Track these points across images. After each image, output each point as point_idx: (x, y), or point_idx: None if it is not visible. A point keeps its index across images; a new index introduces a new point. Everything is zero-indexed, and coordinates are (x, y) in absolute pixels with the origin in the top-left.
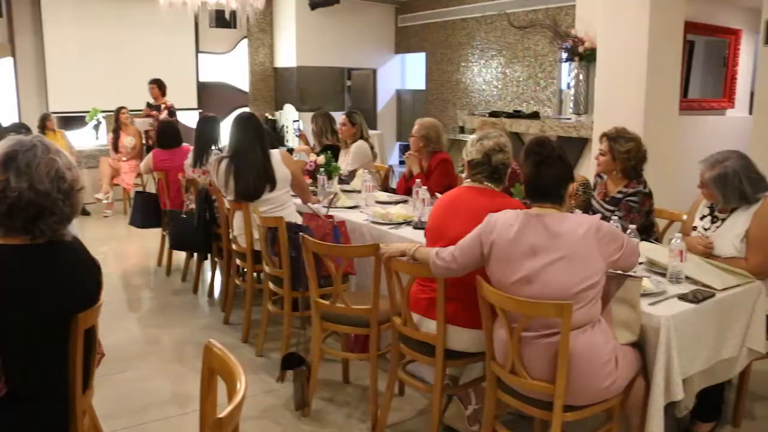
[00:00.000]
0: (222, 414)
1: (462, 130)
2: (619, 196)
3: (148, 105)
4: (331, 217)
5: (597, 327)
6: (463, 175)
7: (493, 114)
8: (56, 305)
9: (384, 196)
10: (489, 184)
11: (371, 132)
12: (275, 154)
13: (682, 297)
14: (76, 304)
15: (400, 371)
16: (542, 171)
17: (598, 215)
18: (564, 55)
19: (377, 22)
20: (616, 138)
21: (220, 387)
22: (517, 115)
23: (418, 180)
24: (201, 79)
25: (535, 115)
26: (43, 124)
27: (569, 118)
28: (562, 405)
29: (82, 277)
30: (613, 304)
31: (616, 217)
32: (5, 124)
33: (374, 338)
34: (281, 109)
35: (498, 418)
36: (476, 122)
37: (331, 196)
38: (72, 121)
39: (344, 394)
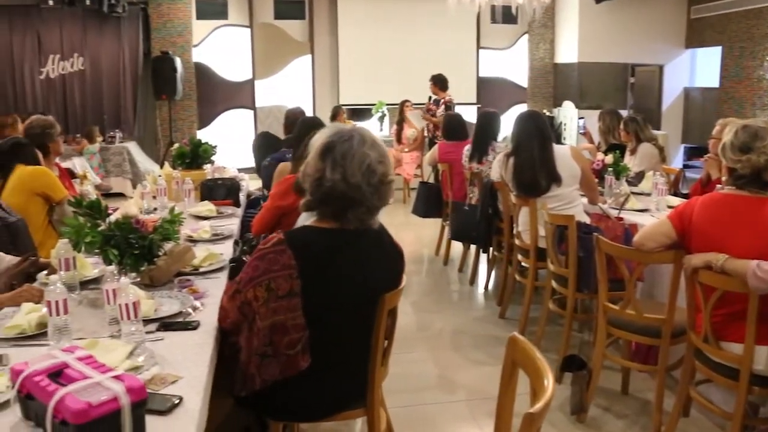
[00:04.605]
0: (533, 409)
1: None
2: None
3: (430, 99)
4: (621, 219)
5: None
6: (723, 179)
7: None
8: (357, 286)
9: (676, 200)
10: (760, 193)
11: (655, 132)
12: (564, 149)
13: None
14: (376, 287)
15: (691, 390)
16: None
17: None
18: None
19: (666, 14)
20: None
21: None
22: None
23: (718, 186)
24: (481, 75)
25: None
26: (335, 116)
27: None
28: None
29: (383, 263)
30: None
31: None
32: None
33: (665, 351)
34: (560, 105)
35: None
36: None
37: (623, 197)
38: (359, 112)
39: (622, 405)
